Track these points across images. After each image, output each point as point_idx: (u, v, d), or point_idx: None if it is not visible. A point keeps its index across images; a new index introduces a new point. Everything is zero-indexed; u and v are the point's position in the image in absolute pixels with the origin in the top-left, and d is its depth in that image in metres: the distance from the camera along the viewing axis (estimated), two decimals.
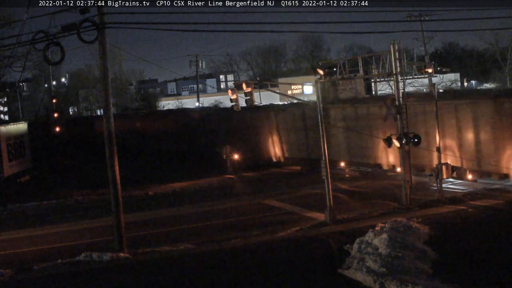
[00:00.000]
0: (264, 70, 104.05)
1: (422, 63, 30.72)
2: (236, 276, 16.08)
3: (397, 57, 24.30)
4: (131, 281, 16.30)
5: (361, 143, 33.23)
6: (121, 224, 19.04)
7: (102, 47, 18.62)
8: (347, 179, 32.29)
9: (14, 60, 45.15)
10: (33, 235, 23.24)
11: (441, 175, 24.37)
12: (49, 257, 18.96)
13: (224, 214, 25.23)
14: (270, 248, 18.74)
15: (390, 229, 18.65)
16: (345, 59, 29.08)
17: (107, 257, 18.24)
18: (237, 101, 24.55)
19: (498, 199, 23.84)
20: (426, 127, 27.66)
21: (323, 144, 22.58)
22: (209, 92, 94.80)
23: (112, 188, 19.06)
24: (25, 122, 44.24)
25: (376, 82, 34.13)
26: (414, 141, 23.79)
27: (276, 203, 26.97)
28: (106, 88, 19.06)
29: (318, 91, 23.05)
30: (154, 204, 29.32)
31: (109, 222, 20.00)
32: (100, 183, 30.79)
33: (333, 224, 21.48)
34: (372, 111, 32.38)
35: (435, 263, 15.87)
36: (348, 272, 15.50)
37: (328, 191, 22.11)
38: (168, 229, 23.02)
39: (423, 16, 57.90)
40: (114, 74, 71.68)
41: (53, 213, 28.16)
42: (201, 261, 17.72)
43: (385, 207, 23.84)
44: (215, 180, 35.48)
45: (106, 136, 18.94)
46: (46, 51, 18.00)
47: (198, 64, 72.88)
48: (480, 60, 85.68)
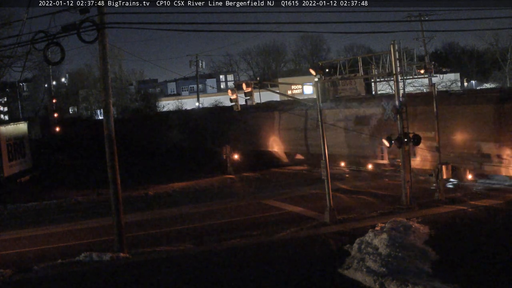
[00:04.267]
0: (264, 70, 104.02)
1: (422, 63, 30.67)
2: (236, 276, 16.07)
3: (397, 57, 24.29)
4: (131, 281, 16.30)
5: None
6: (121, 224, 19.04)
7: (102, 47, 18.62)
8: (347, 179, 32.31)
9: (14, 60, 45.04)
10: (33, 235, 23.24)
11: (441, 175, 24.38)
12: (49, 257, 18.97)
13: (224, 214, 25.23)
14: (270, 248, 18.75)
15: (390, 229, 18.67)
16: (345, 59, 29.08)
17: (107, 257, 18.24)
18: (237, 101, 24.56)
19: (498, 199, 23.86)
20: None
21: (323, 144, 22.59)
22: (209, 92, 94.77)
23: (112, 188, 19.05)
24: (25, 122, 44.18)
25: (376, 82, 34.07)
26: (414, 141, 23.80)
27: (276, 203, 26.97)
28: (106, 88, 19.05)
29: (318, 91, 23.05)
30: (154, 204, 29.32)
31: (109, 222, 19.99)
32: (100, 183, 30.83)
33: (333, 224, 21.49)
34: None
35: (435, 263, 15.87)
36: (348, 272, 15.51)
37: (328, 191, 22.12)
38: (168, 229, 23.02)
39: (423, 16, 57.90)
40: (114, 74, 71.55)
41: (53, 213, 28.16)
42: (201, 261, 17.72)
43: (385, 207, 23.85)
44: (215, 180, 35.49)
45: (106, 136, 18.94)
46: (46, 51, 17.98)
47: (198, 64, 72.84)
48: (480, 60, 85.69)
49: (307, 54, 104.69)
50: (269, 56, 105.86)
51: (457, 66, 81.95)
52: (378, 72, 28.77)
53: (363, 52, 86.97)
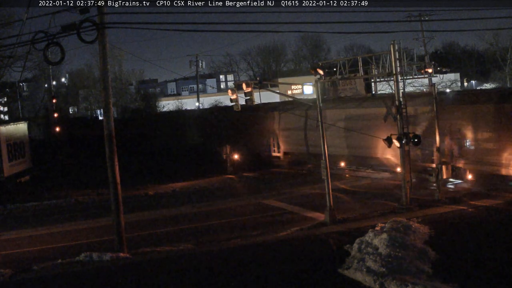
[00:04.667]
0: (264, 70, 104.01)
1: (422, 63, 30.63)
2: (236, 276, 16.06)
3: (397, 57, 24.30)
4: (131, 281, 16.30)
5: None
6: (121, 224, 19.04)
7: (102, 47, 18.62)
8: (347, 179, 32.30)
9: (14, 60, 45.07)
10: (33, 235, 23.24)
11: (441, 175, 24.37)
12: (49, 257, 18.97)
13: (224, 214, 25.24)
14: (270, 248, 18.74)
15: (390, 229, 18.66)
16: (345, 59, 29.06)
17: (107, 257, 18.24)
18: (237, 101, 24.55)
19: (498, 199, 23.85)
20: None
21: (323, 144, 22.58)
22: (209, 92, 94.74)
23: (112, 188, 19.05)
24: (25, 122, 44.13)
25: (376, 82, 34.03)
26: (414, 141, 23.79)
27: (276, 203, 26.97)
28: (106, 88, 19.05)
29: (318, 91, 23.05)
30: (154, 204, 29.33)
31: (109, 222, 19.98)
32: (100, 183, 30.82)
33: (333, 224, 21.49)
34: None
35: (435, 263, 15.86)
36: (348, 272, 15.50)
37: (328, 191, 22.11)
38: (168, 229, 23.02)
39: (423, 16, 57.95)
40: (114, 74, 71.56)
41: (53, 213, 28.17)
42: (201, 261, 17.71)
43: (385, 207, 23.86)
44: (215, 180, 35.50)
45: (106, 136, 18.94)
46: (46, 51, 17.98)
47: (198, 64, 72.88)
48: (480, 60, 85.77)
49: (307, 54, 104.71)
50: (269, 56, 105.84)
51: (457, 66, 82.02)
52: (378, 72, 28.74)
53: (363, 52, 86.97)
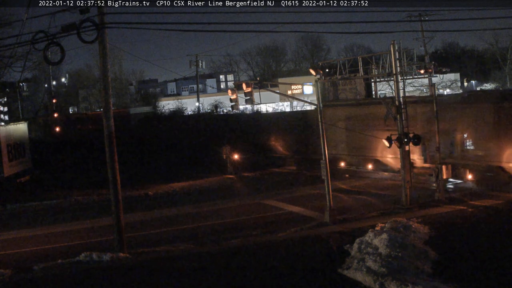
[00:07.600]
0: (264, 70, 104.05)
1: (422, 63, 30.68)
2: (236, 276, 16.07)
3: (397, 57, 24.30)
4: (131, 281, 16.30)
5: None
6: (121, 224, 19.03)
7: (102, 47, 18.62)
8: (347, 179, 32.30)
9: (14, 60, 45.02)
10: (33, 235, 23.23)
11: (441, 175, 24.37)
12: (49, 257, 18.96)
13: (224, 214, 25.23)
14: (270, 248, 18.73)
15: (390, 229, 18.67)
16: (345, 59, 29.11)
17: (107, 257, 18.23)
18: (237, 101, 24.56)
19: (498, 199, 23.85)
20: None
21: (323, 144, 22.58)
22: (209, 92, 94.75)
23: (112, 188, 19.04)
24: (25, 122, 44.12)
25: (376, 82, 34.09)
26: (414, 141, 23.79)
27: (276, 203, 26.97)
28: (106, 88, 19.05)
29: (318, 91, 23.05)
30: (154, 204, 29.31)
31: (109, 222, 19.99)
32: (100, 183, 30.81)
33: (333, 224, 21.49)
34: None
35: (435, 263, 15.87)
36: (348, 272, 15.50)
37: (328, 191, 22.12)
38: (168, 229, 23.02)
39: (423, 16, 57.96)
40: (114, 74, 71.70)
41: (53, 213, 28.15)
42: (201, 261, 17.71)
43: (385, 207, 23.85)
44: (215, 180, 35.47)
45: (106, 136, 18.93)
46: (46, 51, 17.97)
47: (198, 64, 72.83)
48: (480, 60, 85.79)
49: (307, 54, 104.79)
50: (269, 56, 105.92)
51: (457, 66, 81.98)
52: (378, 72, 28.79)
53: (363, 52, 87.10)
